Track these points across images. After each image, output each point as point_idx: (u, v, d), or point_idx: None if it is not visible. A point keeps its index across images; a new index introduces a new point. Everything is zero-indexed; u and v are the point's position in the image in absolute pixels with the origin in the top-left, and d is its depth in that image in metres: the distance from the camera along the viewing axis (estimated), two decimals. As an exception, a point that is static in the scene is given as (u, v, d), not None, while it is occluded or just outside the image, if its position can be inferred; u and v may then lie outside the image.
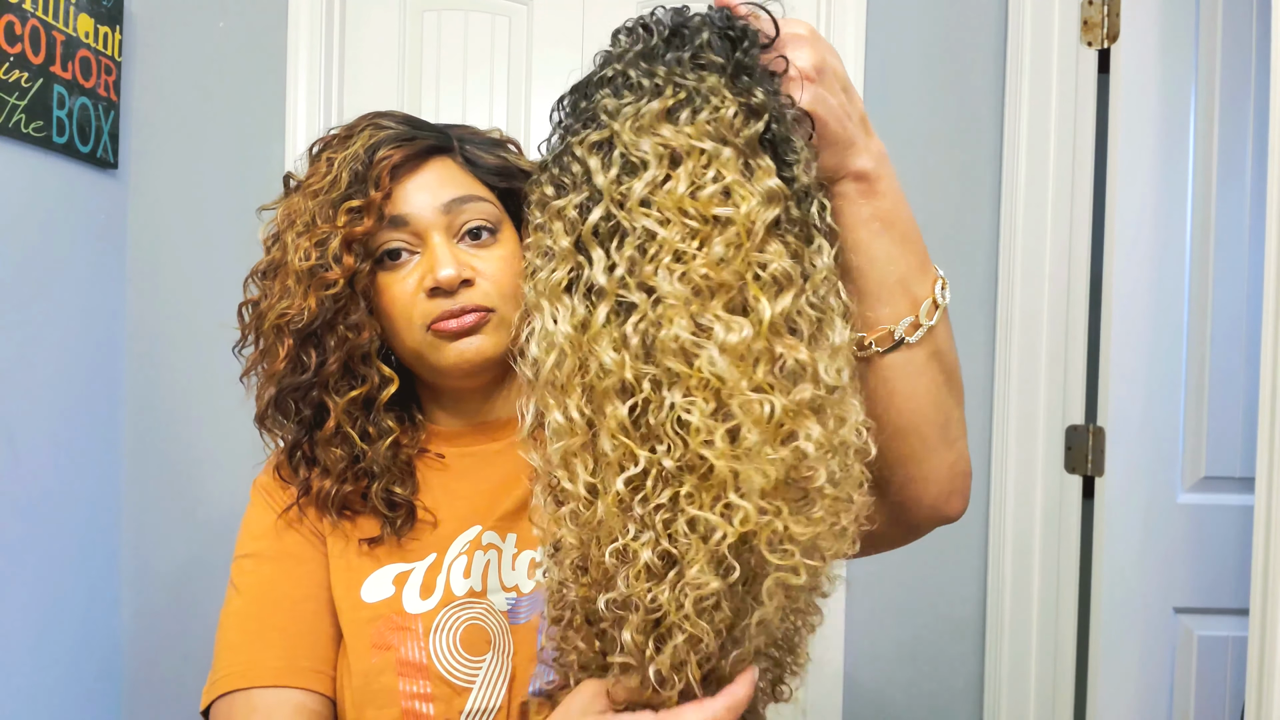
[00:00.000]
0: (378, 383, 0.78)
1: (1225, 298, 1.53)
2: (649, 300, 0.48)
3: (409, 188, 0.77)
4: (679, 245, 0.48)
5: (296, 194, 0.79)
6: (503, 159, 0.83)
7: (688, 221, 0.48)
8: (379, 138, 0.77)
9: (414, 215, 0.77)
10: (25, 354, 1.36)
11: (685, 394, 0.48)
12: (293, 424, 0.79)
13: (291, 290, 0.75)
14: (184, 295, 1.60)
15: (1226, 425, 1.53)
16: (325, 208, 0.75)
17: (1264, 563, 1.06)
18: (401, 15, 1.64)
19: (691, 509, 0.48)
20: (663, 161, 0.49)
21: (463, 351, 0.77)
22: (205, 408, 1.60)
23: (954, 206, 1.64)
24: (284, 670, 0.75)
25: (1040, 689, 1.60)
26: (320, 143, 0.81)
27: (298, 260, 0.75)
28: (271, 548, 0.80)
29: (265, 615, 0.78)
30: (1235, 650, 1.55)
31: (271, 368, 0.77)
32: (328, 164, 0.77)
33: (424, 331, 0.77)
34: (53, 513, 1.43)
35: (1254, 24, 1.51)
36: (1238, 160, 1.52)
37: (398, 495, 0.79)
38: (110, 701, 1.57)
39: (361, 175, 0.75)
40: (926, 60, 1.64)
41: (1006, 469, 1.60)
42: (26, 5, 1.31)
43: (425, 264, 0.77)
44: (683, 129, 0.50)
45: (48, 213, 1.40)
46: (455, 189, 0.78)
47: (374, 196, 0.75)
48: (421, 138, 0.79)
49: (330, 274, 0.74)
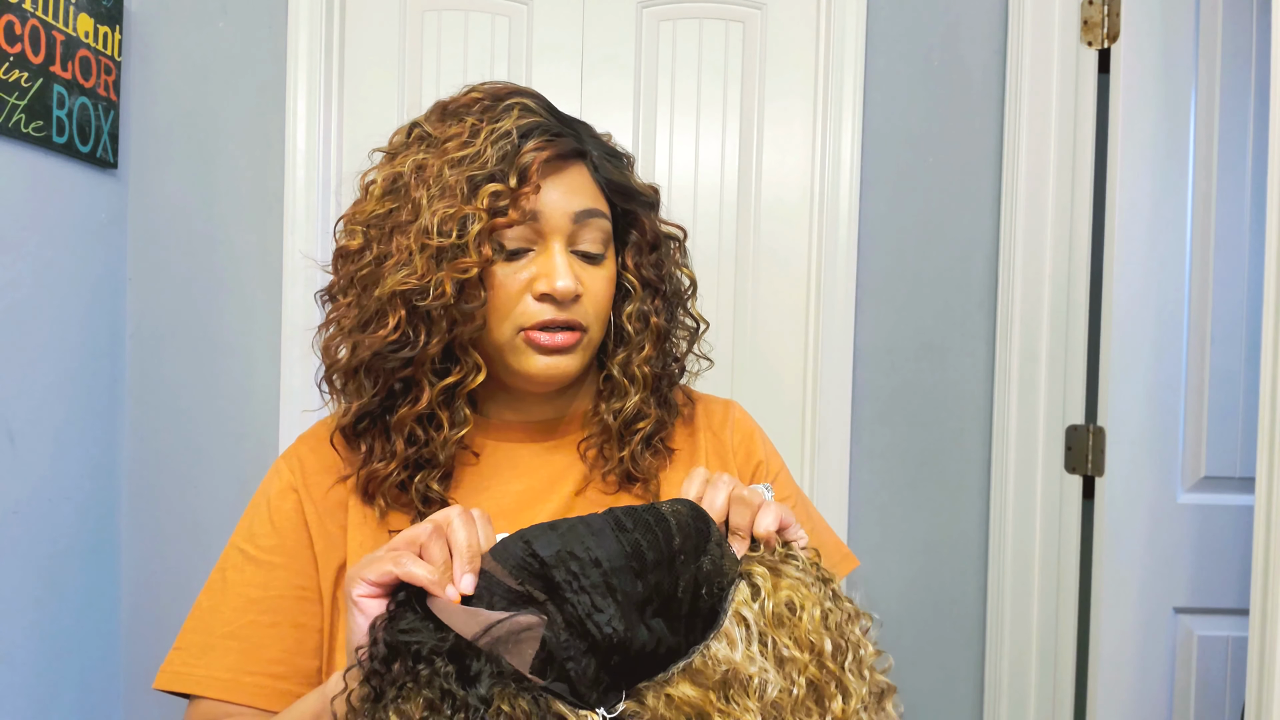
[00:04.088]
0: (470, 369, 0.76)
1: (1225, 298, 1.53)
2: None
3: (547, 186, 0.75)
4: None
5: (427, 149, 0.75)
6: (626, 178, 0.81)
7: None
8: (530, 123, 0.75)
9: (546, 216, 0.75)
10: (25, 354, 1.36)
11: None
12: (373, 392, 0.76)
13: (414, 258, 0.71)
14: (184, 295, 1.60)
15: (1226, 425, 1.53)
16: (466, 181, 0.72)
17: (1264, 563, 1.06)
18: (401, 15, 1.64)
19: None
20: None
21: (550, 366, 0.77)
22: (205, 408, 1.60)
23: (954, 206, 1.64)
24: (230, 685, 0.76)
25: (1040, 689, 1.60)
26: (457, 103, 0.78)
27: (435, 230, 0.71)
28: (262, 547, 0.80)
29: (231, 618, 0.78)
30: (1235, 650, 1.55)
31: (375, 338, 0.73)
32: (472, 131, 0.74)
33: (515, 333, 0.76)
34: (53, 513, 1.43)
35: (1254, 24, 1.51)
36: (1238, 160, 1.52)
37: (434, 492, 0.78)
38: (110, 701, 1.57)
39: (510, 158, 0.72)
40: (926, 61, 1.64)
41: (1006, 469, 1.60)
42: (26, 5, 1.31)
43: (540, 267, 0.75)
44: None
45: (48, 213, 1.40)
46: (586, 199, 0.77)
47: (524, 192, 0.73)
48: (566, 135, 0.77)
49: (468, 259, 0.71)
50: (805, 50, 1.65)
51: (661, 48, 1.65)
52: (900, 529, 1.65)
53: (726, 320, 1.65)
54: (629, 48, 1.65)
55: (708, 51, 1.65)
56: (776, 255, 1.66)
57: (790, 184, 1.66)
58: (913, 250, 1.64)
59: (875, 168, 1.63)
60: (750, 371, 1.66)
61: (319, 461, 0.82)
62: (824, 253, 1.62)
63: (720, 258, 1.65)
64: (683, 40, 1.65)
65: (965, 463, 1.65)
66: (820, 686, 0.56)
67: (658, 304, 0.83)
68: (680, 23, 1.65)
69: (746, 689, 0.54)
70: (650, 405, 0.82)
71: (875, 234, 1.64)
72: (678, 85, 1.65)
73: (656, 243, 0.84)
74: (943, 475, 1.65)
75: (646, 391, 0.82)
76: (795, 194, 1.66)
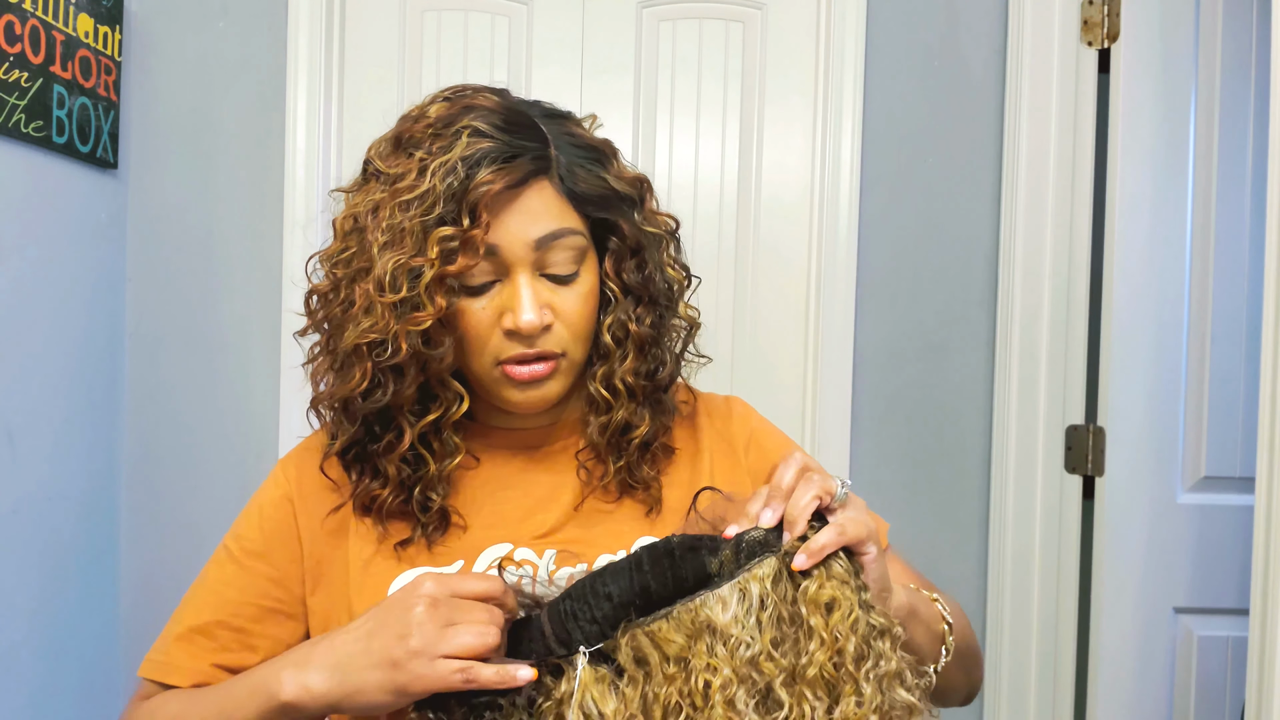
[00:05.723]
0: (450, 402, 0.75)
1: (1225, 298, 1.53)
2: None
3: (503, 215, 0.71)
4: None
5: (380, 187, 0.72)
6: (603, 182, 0.76)
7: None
8: (479, 151, 0.70)
9: (505, 248, 0.71)
10: (25, 354, 1.36)
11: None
12: (352, 431, 0.75)
13: (375, 308, 0.70)
14: (184, 295, 1.60)
15: (1226, 425, 1.53)
16: (416, 227, 0.69)
17: (1264, 563, 1.06)
18: (401, 15, 1.64)
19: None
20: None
21: (529, 396, 0.75)
22: (205, 408, 1.60)
23: (954, 206, 1.64)
24: (183, 670, 0.77)
25: (1040, 689, 1.60)
26: (408, 127, 0.73)
27: (387, 285, 0.69)
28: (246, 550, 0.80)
29: (201, 609, 0.79)
30: (1235, 650, 1.55)
31: (344, 388, 0.72)
32: (420, 168, 0.70)
33: (493, 365, 0.74)
34: (53, 513, 1.43)
35: (1254, 24, 1.51)
36: (1238, 160, 1.52)
37: (433, 501, 0.77)
38: (110, 701, 1.57)
39: (457, 195, 0.69)
40: (926, 60, 1.64)
41: (1006, 469, 1.60)
42: (26, 5, 1.31)
43: (506, 300, 0.73)
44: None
45: (48, 213, 1.40)
46: (549, 221, 0.73)
47: (474, 234, 0.69)
48: (521, 156, 0.71)
49: (421, 314, 0.69)
50: (805, 50, 1.65)
51: (661, 47, 1.65)
52: (900, 528, 1.64)
53: (726, 320, 1.65)
54: (629, 47, 1.65)
55: (708, 51, 1.65)
56: (777, 255, 1.66)
57: (790, 184, 1.66)
58: (913, 250, 1.64)
59: (875, 167, 1.63)
60: (750, 371, 1.66)
61: (317, 479, 0.81)
62: (824, 252, 1.62)
63: (720, 257, 1.65)
64: (683, 40, 1.65)
65: (965, 463, 1.65)
66: (835, 683, 0.58)
67: (639, 311, 0.79)
68: (680, 23, 1.65)
69: (723, 644, 0.56)
70: (641, 415, 0.79)
71: (875, 233, 1.64)
72: (678, 85, 1.65)
73: (638, 246, 0.79)
74: (943, 475, 1.65)
75: (634, 402, 0.79)
76: (795, 194, 1.66)
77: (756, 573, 0.59)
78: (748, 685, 0.56)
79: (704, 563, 0.63)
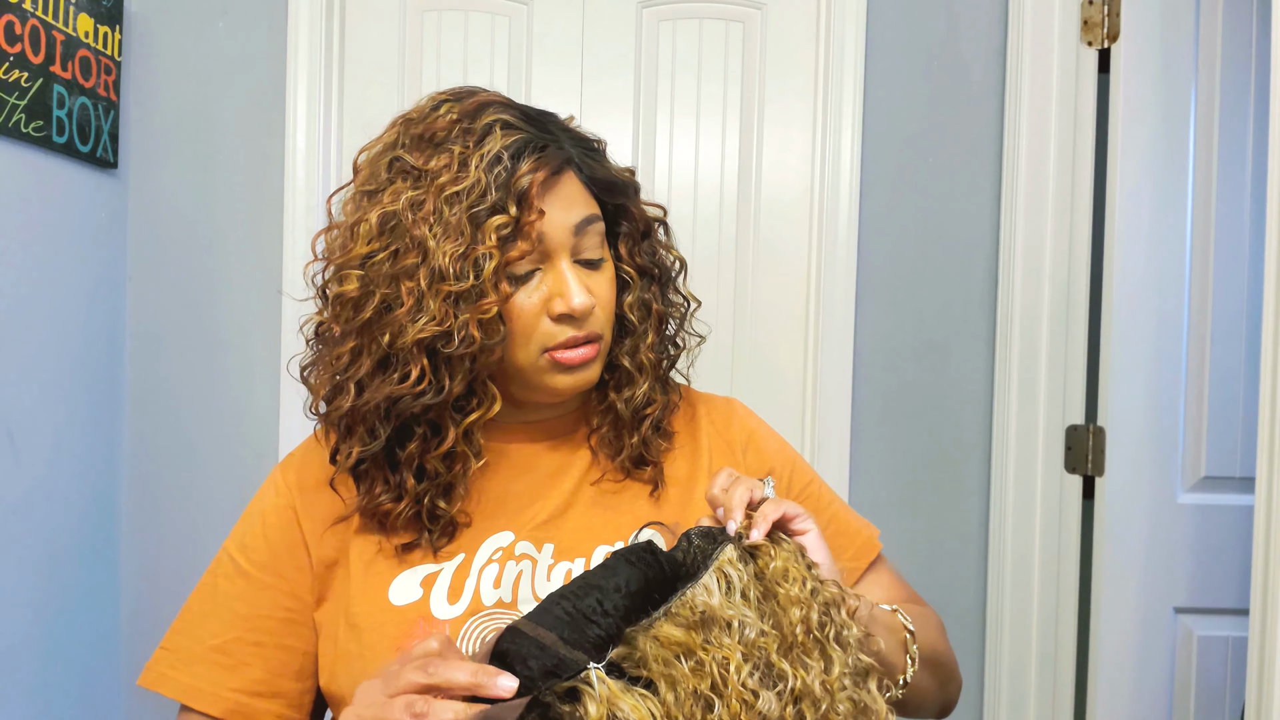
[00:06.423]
0: (489, 401, 0.75)
1: (1225, 298, 1.53)
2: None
3: (546, 205, 0.73)
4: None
5: (415, 183, 0.71)
6: (607, 170, 0.79)
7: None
8: (516, 140, 0.71)
9: (549, 235, 0.73)
10: (25, 354, 1.36)
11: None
12: (386, 434, 0.73)
13: (427, 303, 0.69)
14: (184, 295, 1.60)
15: (1226, 425, 1.53)
16: (468, 217, 0.69)
17: (1264, 563, 1.06)
18: (401, 15, 1.64)
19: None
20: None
21: (576, 379, 0.77)
22: (205, 408, 1.60)
23: (954, 206, 1.64)
24: (210, 698, 0.77)
25: (1040, 689, 1.60)
26: (432, 127, 0.73)
27: (450, 274, 0.68)
28: (254, 562, 0.80)
29: (219, 630, 0.78)
30: (1235, 650, 1.55)
31: (398, 387, 0.71)
32: (460, 161, 0.70)
33: (540, 354, 0.75)
34: (53, 512, 1.43)
35: (1254, 24, 1.51)
36: (1238, 160, 1.52)
37: (441, 510, 0.76)
38: (110, 701, 1.57)
39: (506, 185, 0.70)
40: (926, 60, 1.64)
41: (1006, 469, 1.60)
42: (26, 5, 1.31)
43: (552, 287, 0.74)
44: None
45: (48, 213, 1.40)
46: (582, 208, 0.75)
47: (530, 222, 0.71)
48: (550, 144, 0.74)
49: (488, 300, 0.70)
50: (805, 50, 1.65)
51: (661, 48, 1.65)
52: (900, 528, 1.64)
53: (727, 319, 1.65)
54: (629, 47, 1.65)
55: (708, 52, 1.65)
56: (777, 255, 1.66)
57: (790, 184, 1.66)
58: (913, 250, 1.64)
59: (875, 167, 1.63)
60: (750, 371, 1.66)
61: (318, 485, 0.81)
62: (824, 252, 1.62)
63: (720, 257, 1.65)
64: (683, 40, 1.65)
65: (965, 463, 1.65)
66: (806, 650, 0.61)
67: (655, 290, 0.83)
68: (680, 23, 1.65)
69: (727, 629, 0.58)
70: (657, 391, 0.83)
71: (875, 233, 1.64)
72: (678, 85, 1.65)
73: (648, 229, 0.83)
74: (943, 475, 1.65)
75: (653, 378, 0.83)
76: (795, 194, 1.66)
77: (724, 558, 0.61)
78: (753, 662, 0.58)
79: (673, 555, 0.65)
